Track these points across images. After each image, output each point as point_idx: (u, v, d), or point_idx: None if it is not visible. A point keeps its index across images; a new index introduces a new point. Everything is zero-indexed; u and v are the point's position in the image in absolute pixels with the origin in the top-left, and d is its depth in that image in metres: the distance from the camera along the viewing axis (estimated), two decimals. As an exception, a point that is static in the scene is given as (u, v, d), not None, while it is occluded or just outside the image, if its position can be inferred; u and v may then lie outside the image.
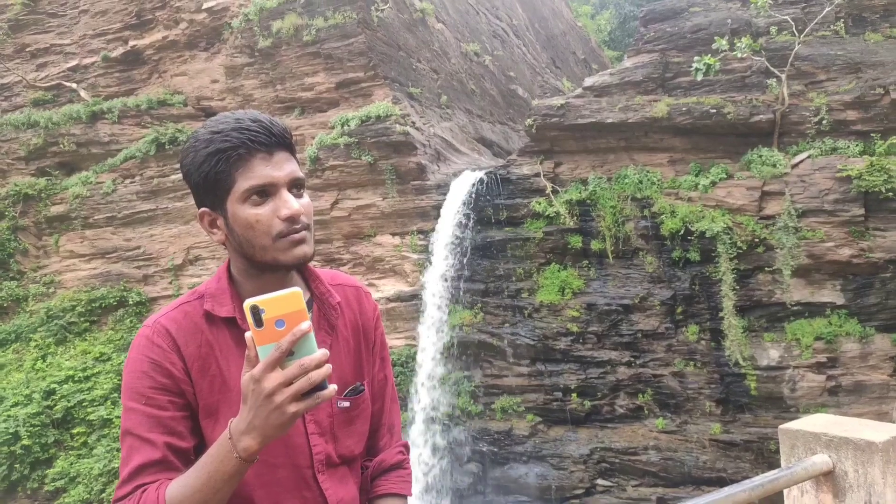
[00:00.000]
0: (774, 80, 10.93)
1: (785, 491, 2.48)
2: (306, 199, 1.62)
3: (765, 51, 11.13)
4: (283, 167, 1.57)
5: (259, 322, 1.29)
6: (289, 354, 1.30)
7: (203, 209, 1.63)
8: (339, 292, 1.79)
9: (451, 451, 11.46)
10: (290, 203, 1.55)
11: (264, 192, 1.55)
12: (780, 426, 2.61)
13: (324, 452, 1.68)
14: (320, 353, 1.32)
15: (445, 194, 12.55)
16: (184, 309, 1.64)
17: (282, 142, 1.58)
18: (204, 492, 1.39)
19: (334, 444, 1.71)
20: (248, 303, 1.30)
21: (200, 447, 1.58)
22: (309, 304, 1.73)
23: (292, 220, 1.55)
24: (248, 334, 1.32)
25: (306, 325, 1.30)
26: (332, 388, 1.34)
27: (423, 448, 11.39)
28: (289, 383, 1.29)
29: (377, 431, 1.90)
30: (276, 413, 1.30)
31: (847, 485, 2.36)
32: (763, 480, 2.20)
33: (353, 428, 1.76)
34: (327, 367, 1.32)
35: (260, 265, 1.61)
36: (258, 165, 1.54)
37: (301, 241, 1.57)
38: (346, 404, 1.75)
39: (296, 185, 1.59)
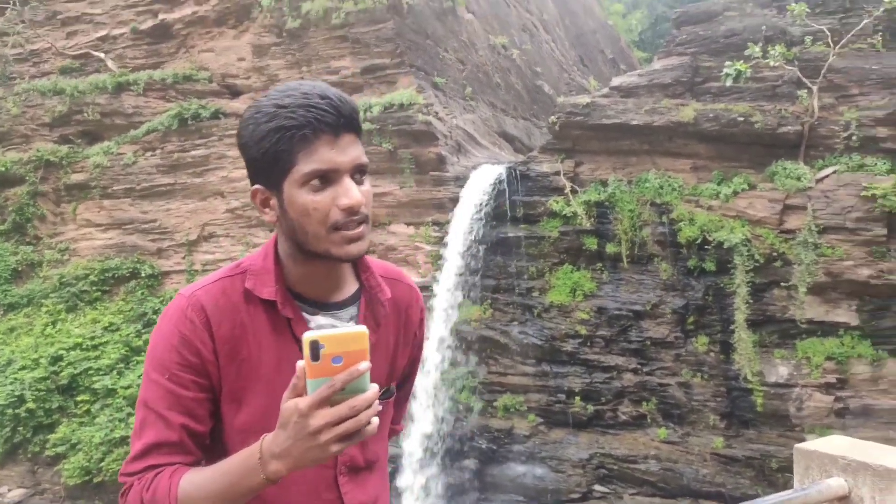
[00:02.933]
0: (805, 91, 10.69)
1: (797, 513, 2.40)
2: (367, 186, 1.51)
3: (798, 60, 10.89)
4: (348, 151, 1.45)
5: (316, 356, 1.23)
6: None
7: (257, 186, 1.52)
8: (390, 287, 1.70)
9: (449, 446, 11.41)
10: (352, 192, 1.44)
11: (326, 178, 1.44)
12: (796, 445, 2.53)
13: (349, 455, 1.62)
14: (371, 392, 1.27)
15: (463, 187, 12.46)
16: (223, 284, 1.56)
17: (349, 123, 1.46)
18: (220, 498, 1.37)
19: (362, 449, 1.64)
20: (308, 336, 1.23)
21: (217, 430, 1.55)
22: (356, 295, 1.64)
23: (351, 210, 1.44)
24: (300, 363, 1.26)
25: (364, 365, 1.25)
26: (375, 423, 1.30)
27: (419, 442, 11.35)
28: (336, 422, 1.25)
29: None
30: (318, 450, 1.26)
31: (862, 511, 2.28)
32: (776, 500, 2.15)
33: (380, 432, 1.68)
34: (375, 406, 1.29)
35: (310, 253, 1.51)
36: (322, 148, 1.43)
37: (357, 238, 1.47)
38: (380, 408, 1.70)
39: (359, 171, 1.48)
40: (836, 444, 2.47)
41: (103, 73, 15.87)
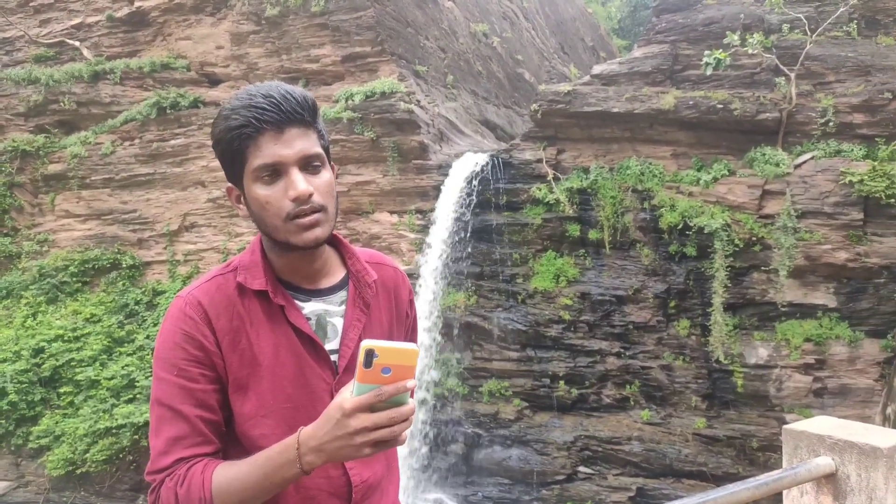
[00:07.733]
0: (783, 78, 10.86)
1: (784, 491, 2.49)
2: (325, 175, 1.59)
3: (776, 48, 11.05)
4: (292, 145, 1.53)
5: (368, 364, 1.30)
6: None
7: (229, 184, 1.63)
8: (376, 271, 1.79)
9: (436, 431, 11.51)
10: (297, 184, 1.52)
11: (274, 172, 1.53)
12: (785, 426, 2.62)
13: None
14: (410, 406, 1.35)
15: (446, 175, 12.48)
16: (217, 281, 1.64)
17: (294, 117, 1.54)
18: (255, 489, 1.42)
19: None
20: (365, 344, 1.30)
21: (229, 420, 1.60)
22: (344, 281, 1.72)
23: (299, 200, 1.52)
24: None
25: (412, 383, 1.33)
26: (406, 436, 1.37)
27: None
28: (374, 428, 1.31)
29: None
30: (351, 449, 1.33)
31: (848, 488, 2.37)
32: (767, 479, 2.21)
33: None
34: (411, 421, 1.36)
35: (278, 244, 1.60)
36: (266, 144, 1.51)
37: (312, 225, 1.54)
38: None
39: (310, 162, 1.56)
40: (822, 424, 2.56)
41: (79, 62, 15.59)
